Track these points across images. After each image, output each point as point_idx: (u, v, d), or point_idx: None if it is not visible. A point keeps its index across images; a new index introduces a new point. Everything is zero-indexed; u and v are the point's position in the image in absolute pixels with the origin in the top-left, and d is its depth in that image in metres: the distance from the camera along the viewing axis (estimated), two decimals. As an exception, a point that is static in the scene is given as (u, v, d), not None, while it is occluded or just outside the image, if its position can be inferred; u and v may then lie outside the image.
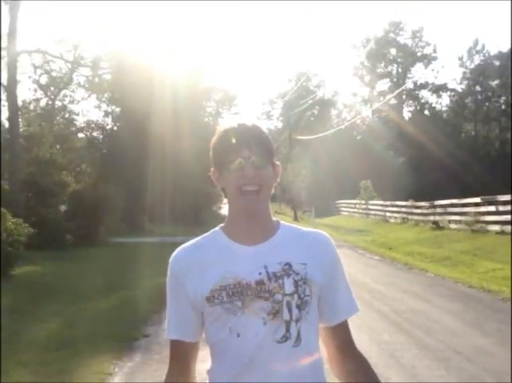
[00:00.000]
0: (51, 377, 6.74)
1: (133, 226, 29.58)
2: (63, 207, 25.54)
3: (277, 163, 2.04)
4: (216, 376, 1.94)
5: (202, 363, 2.07)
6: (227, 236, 2.00)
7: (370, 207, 38.12)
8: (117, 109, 39.92)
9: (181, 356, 2.01)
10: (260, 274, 1.89)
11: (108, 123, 41.41)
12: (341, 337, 2.06)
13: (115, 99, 38.25)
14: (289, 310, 1.89)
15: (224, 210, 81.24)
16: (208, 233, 2.08)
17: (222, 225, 2.07)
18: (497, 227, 19.57)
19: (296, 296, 1.90)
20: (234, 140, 1.95)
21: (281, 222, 2.08)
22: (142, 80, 31.63)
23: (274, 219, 2.06)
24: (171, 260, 2.02)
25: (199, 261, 1.96)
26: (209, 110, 51.56)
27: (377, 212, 36.10)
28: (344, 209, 46.10)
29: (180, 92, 33.63)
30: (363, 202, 39.38)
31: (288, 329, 1.88)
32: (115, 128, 40.06)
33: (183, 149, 33.25)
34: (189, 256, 2.00)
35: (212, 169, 2.06)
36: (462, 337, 8.33)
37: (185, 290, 1.95)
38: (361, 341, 1.75)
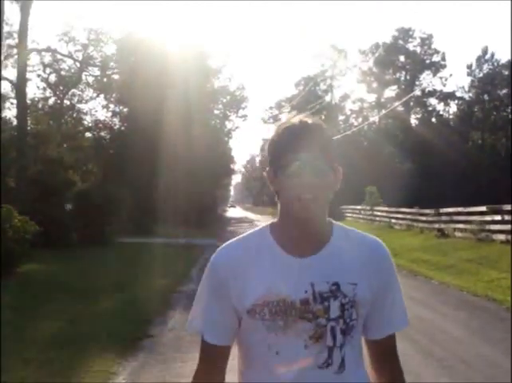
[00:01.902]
0: (54, 376, 6.73)
1: (138, 226, 29.57)
2: (68, 206, 25.56)
3: (339, 167, 1.85)
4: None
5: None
6: (275, 241, 1.84)
7: (375, 213, 37.99)
8: (125, 110, 40.01)
9: (216, 358, 1.89)
10: (306, 292, 1.77)
11: (116, 123, 41.54)
12: (381, 350, 1.97)
13: (123, 99, 38.34)
14: (333, 336, 1.78)
15: (228, 213, 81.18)
16: (255, 231, 1.92)
17: (272, 223, 1.91)
18: (502, 237, 19.46)
19: (341, 321, 1.79)
20: (293, 140, 1.76)
21: (334, 223, 1.94)
22: (151, 81, 31.68)
23: (327, 219, 1.91)
24: (215, 259, 1.87)
25: (245, 267, 1.82)
26: (216, 113, 51.63)
27: (382, 218, 35.97)
28: (349, 214, 45.93)
29: (189, 94, 33.66)
30: (368, 208, 39.24)
31: (330, 356, 1.78)
32: (122, 128, 40.15)
33: (190, 151, 33.28)
34: (236, 259, 1.84)
35: (267, 169, 1.87)
36: (466, 346, 8.30)
37: (229, 295, 1.82)
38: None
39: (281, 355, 1.77)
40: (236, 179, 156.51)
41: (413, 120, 66.23)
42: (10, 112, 37.92)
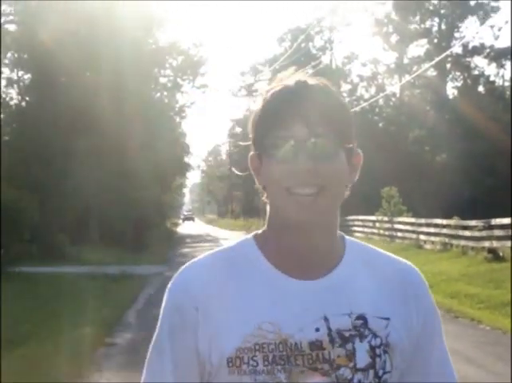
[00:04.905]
0: None
1: (47, 249, 29.41)
2: None
3: (358, 150, 1.80)
4: None
5: None
6: (266, 258, 1.76)
7: (396, 226, 38.16)
8: (26, 77, 39.74)
9: None
10: (317, 330, 1.66)
11: (13, 96, 41.25)
12: None
13: (23, 61, 38.07)
14: None
15: (182, 228, 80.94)
16: (234, 245, 1.84)
17: (257, 233, 1.84)
18: None
19: (371, 373, 1.68)
20: (285, 109, 1.68)
21: (347, 238, 1.85)
22: (64, 34, 31.47)
23: (338, 232, 1.82)
24: (176, 283, 1.77)
25: (223, 294, 1.71)
26: (163, 81, 51.53)
27: (407, 234, 36.16)
28: (358, 228, 46.13)
29: (122, 53, 33.49)
30: (386, 219, 39.40)
31: None
32: (23, 103, 39.89)
33: (123, 138, 33.11)
34: (208, 282, 1.73)
35: (251, 154, 1.80)
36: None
37: (195, 337, 1.69)
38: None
39: None
40: (193, 178, 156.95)
41: (451, 90, 66.62)
42: None
